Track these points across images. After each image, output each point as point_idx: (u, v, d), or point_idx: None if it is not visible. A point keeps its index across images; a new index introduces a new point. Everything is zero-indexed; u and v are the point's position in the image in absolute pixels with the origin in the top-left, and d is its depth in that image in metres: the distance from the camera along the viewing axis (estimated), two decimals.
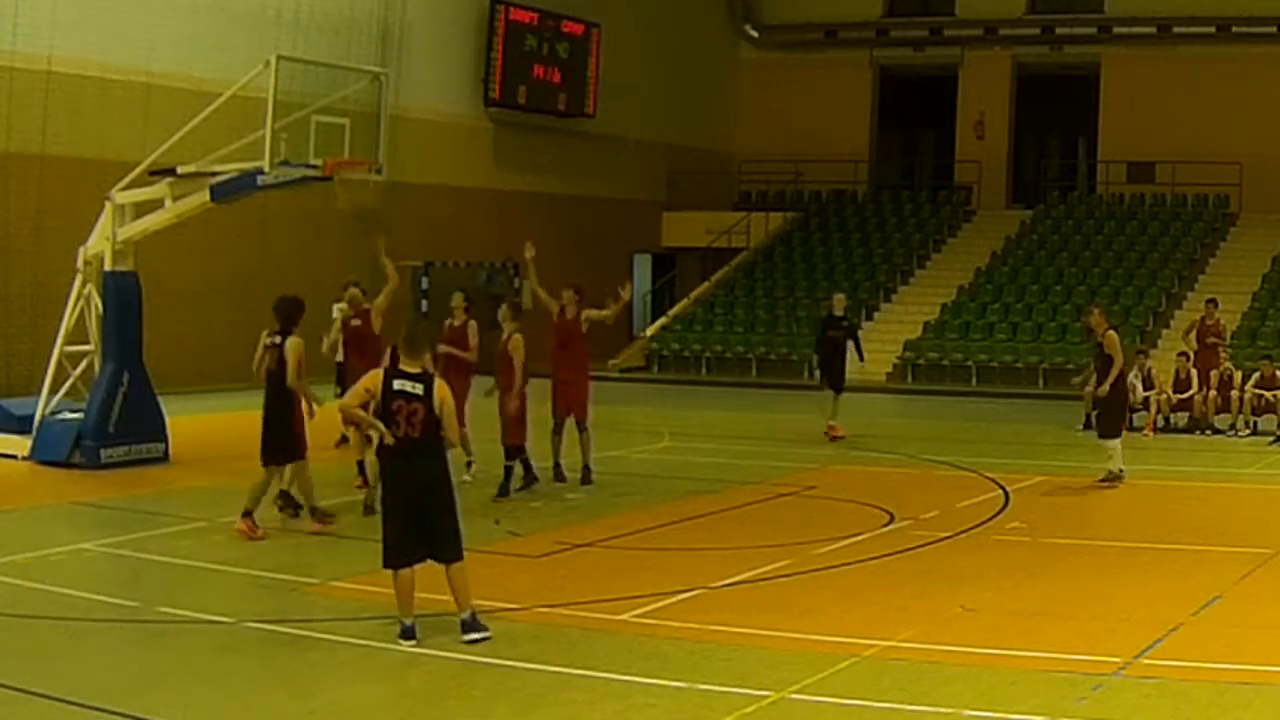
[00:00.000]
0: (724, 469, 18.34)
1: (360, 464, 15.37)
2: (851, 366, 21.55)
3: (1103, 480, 16.75)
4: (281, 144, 16.66)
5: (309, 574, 11.81)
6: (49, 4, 23.48)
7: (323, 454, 15.74)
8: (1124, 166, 36.74)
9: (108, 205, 17.67)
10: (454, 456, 13.22)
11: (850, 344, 21.63)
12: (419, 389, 9.65)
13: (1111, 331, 17.05)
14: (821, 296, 34.07)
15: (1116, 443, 16.79)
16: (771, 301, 34.56)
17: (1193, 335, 23.57)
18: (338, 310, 17.88)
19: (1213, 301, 24.51)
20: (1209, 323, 23.54)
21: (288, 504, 13.99)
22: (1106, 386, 16.64)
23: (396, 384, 9.68)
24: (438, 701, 8.66)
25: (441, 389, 9.73)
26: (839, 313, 21.87)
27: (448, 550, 9.72)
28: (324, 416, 13.62)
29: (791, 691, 8.62)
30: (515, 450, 15.50)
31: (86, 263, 18.01)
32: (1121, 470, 16.74)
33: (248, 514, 13.12)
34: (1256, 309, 30.56)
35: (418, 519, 9.67)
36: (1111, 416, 16.96)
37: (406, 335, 10.01)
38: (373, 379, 9.85)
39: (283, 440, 13.44)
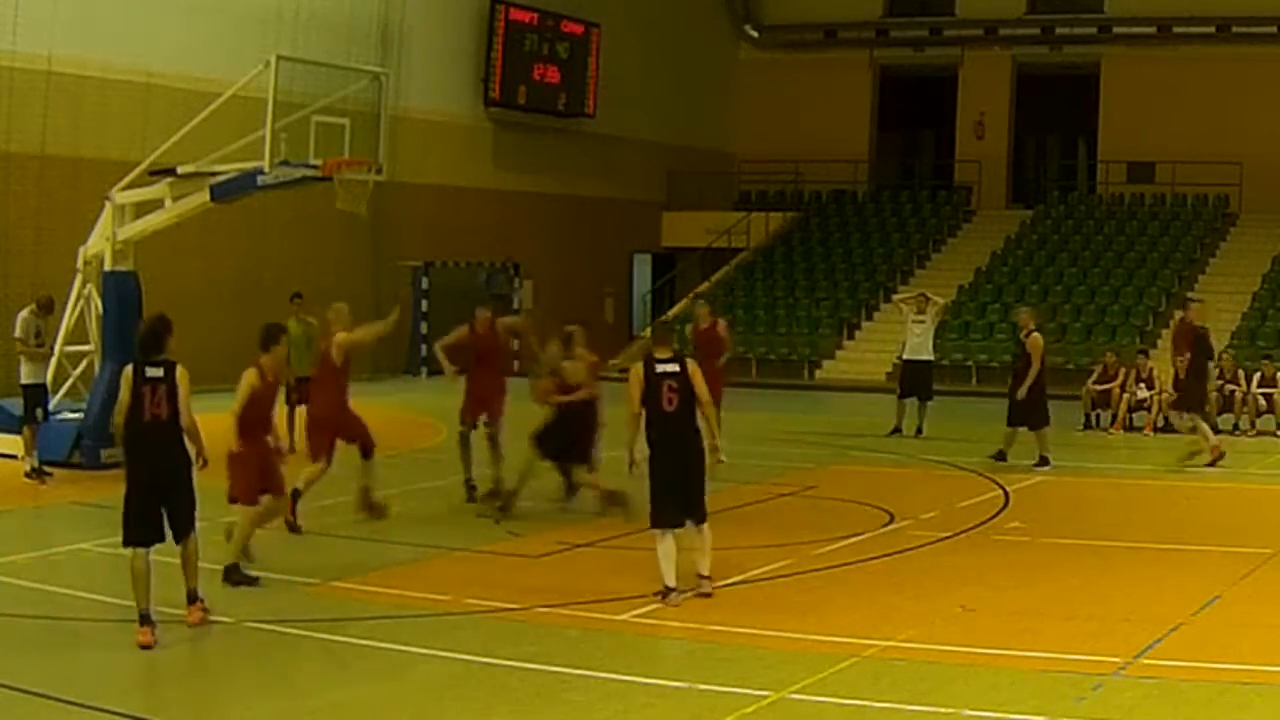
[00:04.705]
0: (724, 469, 18.24)
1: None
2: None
3: (1038, 465, 17.84)
4: (281, 144, 16.67)
5: (309, 574, 11.81)
6: (49, 4, 23.47)
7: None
8: (1124, 166, 36.71)
9: (107, 205, 17.67)
10: None
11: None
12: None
13: (1036, 334, 18.30)
14: (822, 296, 34.09)
15: (1048, 430, 18.19)
16: (771, 301, 34.52)
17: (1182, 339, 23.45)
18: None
19: (1195, 300, 24.48)
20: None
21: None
22: (1024, 390, 17.91)
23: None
24: (438, 701, 8.66)
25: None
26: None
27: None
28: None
29: (791, 691, 8.62)
30: None
31: (86, 263, 18.01)
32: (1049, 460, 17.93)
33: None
34: (1257, 309, 30.53)
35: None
36: (1040, 409, 18.17)
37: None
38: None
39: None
